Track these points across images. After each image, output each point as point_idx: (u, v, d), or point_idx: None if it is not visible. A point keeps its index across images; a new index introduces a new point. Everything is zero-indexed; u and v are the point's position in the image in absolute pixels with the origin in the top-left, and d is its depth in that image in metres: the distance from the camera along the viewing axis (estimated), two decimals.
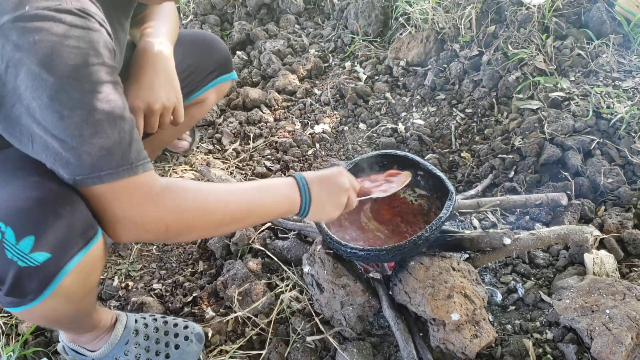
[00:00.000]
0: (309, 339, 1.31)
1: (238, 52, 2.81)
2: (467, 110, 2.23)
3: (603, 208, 1.65)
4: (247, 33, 2.93)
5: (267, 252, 1.59)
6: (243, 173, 2.05)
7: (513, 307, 1.39)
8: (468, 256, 1.40)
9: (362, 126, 2.29)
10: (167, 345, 1.25)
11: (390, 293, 1.33)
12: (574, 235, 1.35)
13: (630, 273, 1.40)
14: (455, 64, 2.39)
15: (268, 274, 1.56)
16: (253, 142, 2.22)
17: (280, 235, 1.69)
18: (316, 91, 2.55)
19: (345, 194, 1.13)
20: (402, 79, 2.50)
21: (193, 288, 1.54)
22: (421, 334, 1.28)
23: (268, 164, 2.08)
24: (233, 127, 2.29)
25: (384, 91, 2.46)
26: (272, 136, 2.24)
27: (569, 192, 1.65)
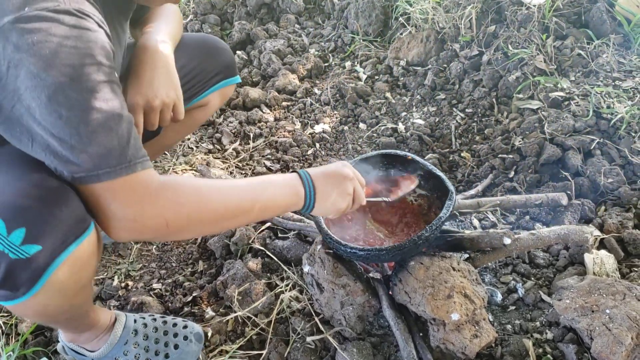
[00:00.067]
0: (309, 339, 1.31)
1: (238, 52, 2.81)
2: (467, 110, 2.23)
3: (603, 208, 1.65)
4: (247, 33, 2.93)
5: (267, 252, 1.59)
6: (243, 173, 2.05)
7: (513, 307, 1.39)
8: (468, 256, 1.40)
9: (362, 126, 2.29)
10: (167, 345, 1.24)
11: (390, 293, 1.33)
12: (574, 235, 1.35)
13: (630, 273, 1.40)
14: (455, 64, 2.39)
15: (268, 274, 1.56)
16: (253, 142, 2.22)
17: (280, 235, 1.69)
18: (316, 91, 2.55)
19: (350, 183, 1.12)
20: (402, 79, 2.50)
21: (193, 288, 1.54)
22: (421, 334, 1.28)
23: (268, 164, 2.08)
24: (233, 127, 2.29)
25: (384, 91, 2.46)
26: (272, 136, 2.24)
27: (569, 192, 1.65)
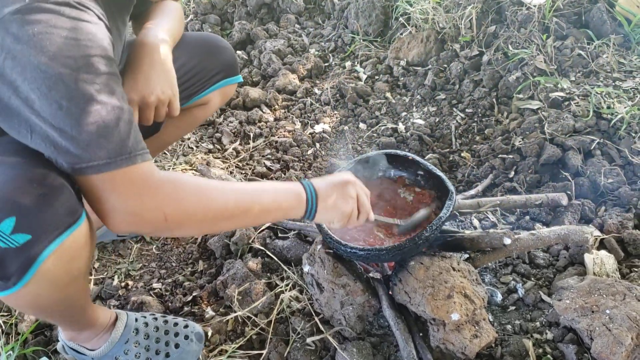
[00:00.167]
0: (309, 340, 1.31)
1: (238, 52, 2.81)
2: (468, 110, 2.23)
3: (603, 208, 1.65)
4: (248, 32, 2.93)
5: (267, 252, 1.59)
6: (243, 172, 2.05)
7: (513, 307, 1.39)
8: (468, 256, 1.40)
9: (362, 126, 2.29)
10: (167, 344, 1.24)
11: (390, 293, 1.33)
12: (574, 235, 1.35)
13: (630, 273, 1.40)
14: (455, 64, 2.39)
15: (268, 274, 1.56)
16: (253, 142, 2.22)
17: (280, 234, 1.69)
18: (316, 91, 2.55)
19: (352, 187, 1.12)
20: (403, 79, 2.50)
21: (193, 287, 1.54)
22: (421, 334, 1.28)
23: (268, 164, 2.08)
24: (233, 127, 2.29)
25: (384, 91, 2.46)
26: (272, 136, 2.24)
27: (569, 193, 1.65)
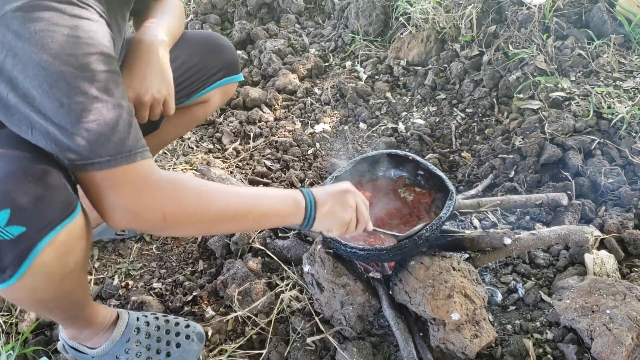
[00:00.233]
0: (309, 340, 1.31)
1: (238, 52, 2.81)
2: (468, 110, 2.23)
3: (603, 208, 1.65)
4: (248, 32, 2.93)
5: (267, 252, 1.59)
6: (243, 172, 2.05)
7: (513, 307, 1.39)
8: (468, 256, 1.40)
9: (363, 126, 2.29)
10: (169, 343, 1.24)
11: (390, 293, 1.33)
12: (575, 235, 1.35)
13: (630, 273, 1.40)
14: (455, 64, 2.39)
15: (268, 274, 1.56)
16: (253, 142, 2.22)
17: (280, 234, 1.69)
18: (316, 90, 2.55)
19: (351, 196, 1.12)
20: (403, 79, 2.50)
21: (193, 287, 1.54)
22: (421, 334, 1.28)
23: (268, 164, 2.08)
24: (233, 127, 2.29)
25: (385, 91, 2.46)
26: (273, 135, 2.24)
27: (570, 192, 1.65)
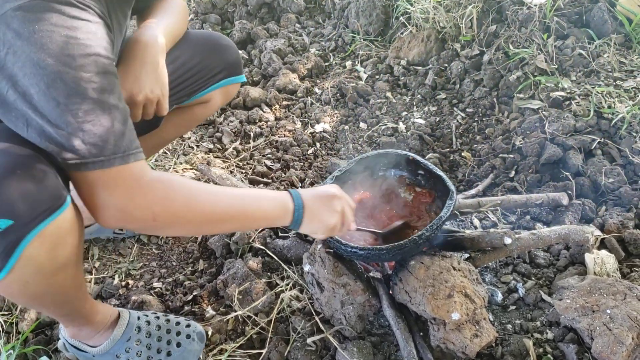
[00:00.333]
0: (309, 341, 1.31)
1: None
2: (468, 109, 2.23)
3: (604, 208, 1.65)
4: (248, 32, 2.93)
5: (268, 251, 1.59)
6: (243, 172, 2.05)
7: (513, 307, 1.39)
8: (469, 256, 1.40)
9: (363, 125, 2.29)
10: (169, 343, 1.25)
11: (390, 292, 1.33)
12: (575, 235, 1.35)
13: (631, 273, 1.40)
14: (456, 64, 2.39)
15: (268, 273, 1.56)
16: (253, 141, 2.22)
17: (280, 234, 1.69)
18: (317, 90, 2.55)
19: (338, 202, 1.13)
20: (403, 78, 2.50)
21: (193, 287, 1.54)
22: (421, 334, 1.28)
23: (268, 163, 2.08)
24: (233, 126, 2.29)
25: (385, 90, 2.46)
26: (273, 135, 2.24)
27: (570, 192, 1.65)
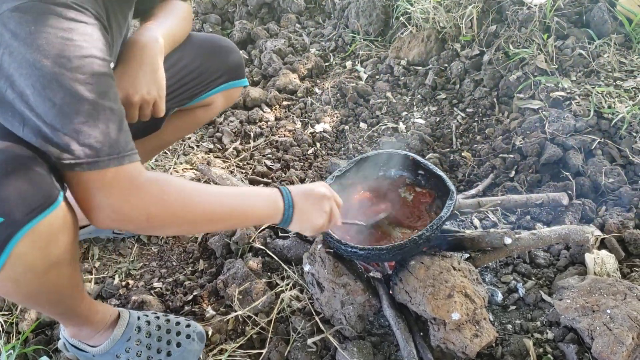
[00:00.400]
0: (310, 342, 1.31)
1: None
2: (468, 109, 2.23)
3: (604, 208, 1.64)
4: (248, 32, 2.93)
5: (268, 251, 1.59)
6: (244, 172, 2.05)
7: (514, 307, 1.39)
8: (469, 256, 1.40)
9: (363, 125, 2.29)
10: (169, 343, 1.25)
11: (390, 292, 1.33)
12: (575, 235, 1.35)
13: (631, 273, 1.40)
14: (456, 64, 2.39)
15: (268, 273, 1.56)
16: (254, 141, 2.22)
17: (280, 234, 1.69)
18: (317, 90, 2.55)
19: (327, 202, 1.15)
20: (403, 78, 2.50)
21: (193, 287, 1.54)
22: (421, 334, 1.28)
23: (269, 163, 2.08)
24: (234, 126, 2.29)
25: (385, 90, 2.46)
26: (273, 135, 2.24)
27: (570, 192, 1.65)
